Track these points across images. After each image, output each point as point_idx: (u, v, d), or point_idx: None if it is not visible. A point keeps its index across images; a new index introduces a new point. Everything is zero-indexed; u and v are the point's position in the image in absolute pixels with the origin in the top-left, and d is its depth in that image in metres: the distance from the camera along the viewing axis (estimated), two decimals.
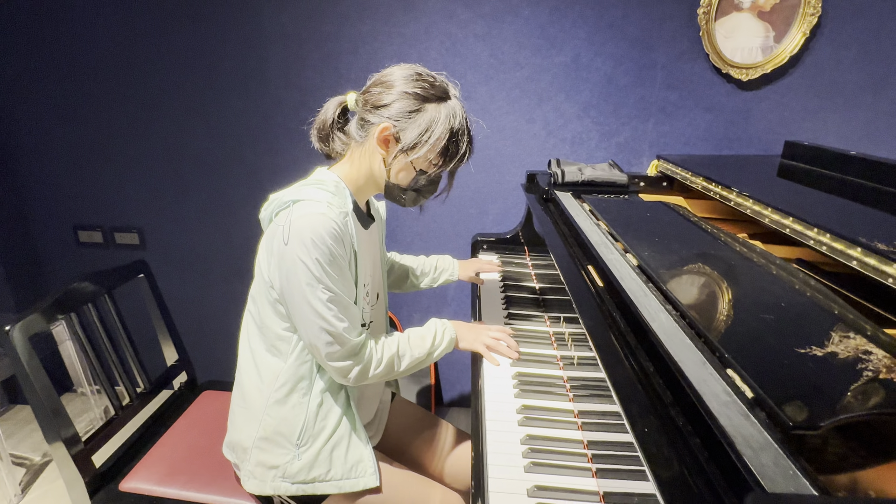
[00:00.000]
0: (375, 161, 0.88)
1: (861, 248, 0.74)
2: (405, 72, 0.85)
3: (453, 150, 0.86)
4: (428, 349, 0.95)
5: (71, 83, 1.75)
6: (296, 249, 0.78)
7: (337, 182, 0.88)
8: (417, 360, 0.93)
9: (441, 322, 1.00)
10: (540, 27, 1.54)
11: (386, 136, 0.84)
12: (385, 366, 0.89)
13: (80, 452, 0.99)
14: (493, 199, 1.76)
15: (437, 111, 0.83)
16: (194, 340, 1.97)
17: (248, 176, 1.79)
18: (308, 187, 0.85)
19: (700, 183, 1.23)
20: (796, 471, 0.42)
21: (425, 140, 0.83)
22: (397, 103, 0.83)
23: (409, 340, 0.94)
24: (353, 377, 0.86)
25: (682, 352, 0.61)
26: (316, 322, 0.81)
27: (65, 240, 1.97)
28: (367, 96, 0.86)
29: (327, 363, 0.85)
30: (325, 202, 0.82)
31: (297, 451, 0.89)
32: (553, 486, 0.72)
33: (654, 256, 0.88)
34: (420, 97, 0.83)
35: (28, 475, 1.73)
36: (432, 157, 0.86)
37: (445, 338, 0.98)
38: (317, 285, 0.79)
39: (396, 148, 0.84)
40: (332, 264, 0.80)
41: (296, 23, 1.61)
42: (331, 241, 0.79)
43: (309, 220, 0.79)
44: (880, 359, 0.56)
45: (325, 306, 0.80)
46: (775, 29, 1.43)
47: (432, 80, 0.85)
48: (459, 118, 0.86)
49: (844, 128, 1.48)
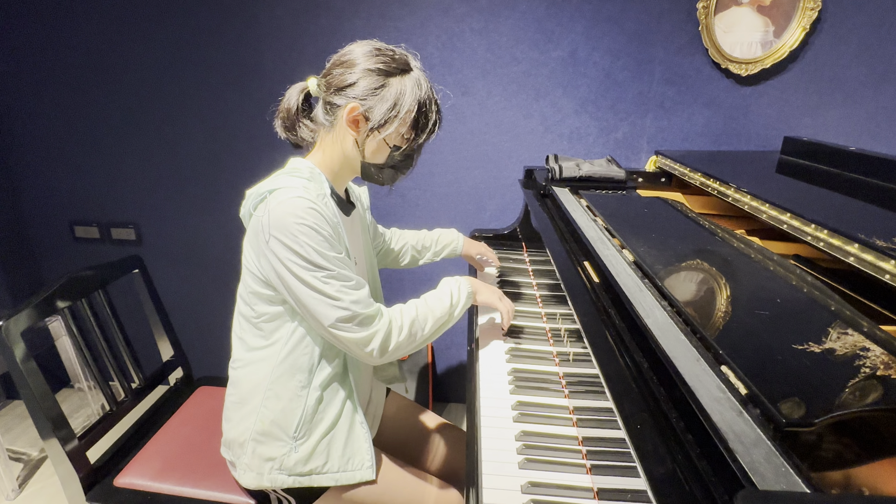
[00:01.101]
0: (347, 143, 0.86)
1: (859, 245, 0.73)
2: (363, 48, 0.84)
3: (423, 121, 0.85)
4: (448, 307, 0.93)
5: (66, 78, 1.74)
6: (282, 239, 0.77)
7: (311, 168, 0.87)
8: (440, 320, 0.91)
9: (454, 280, 0.99)
10: (537, 21, 1.53)
11: (355, 116, 0.83)
12: (408, 332, 0.86)
13: (75, 448, 0.99)
14: (491, 195, 1.75)
15: (403, 83, 0.82)
16: (191, 336, 1.97)
17: (244, 170, 1.78)
18: (282, 176, 0.84)
19: (698, 179, 1.22)
20: (788, 468, 0.42)
21: (395, 115, 0.82)
22: (362, 81, 0.81)
23: (426, 303, 0.92)
24: (375, 349, 0.83)
25: (676, 348, 0.60)
26: (323, 303, 0.79)
27: (61, 235, 1.96)
28: (330, 79, 0.84)
29: (346, 342, 0.82)
30: (300, 187, 0.80)
31: (295, 443, 0.89)
32: (547, 482, 0.72)
33: (650, 252, 0.87)
34: (383, 72, 0.82)
35: (25, 470, 1.74)
36: (404, 130, 0.85)
37: (463, 293, 0.96)
38: (312, 268, 0.78)
39: (367, 126, 0.83)
40: (320, 243, 0.79)
41: (291, 17, 1.60)
42: (313, 220, 0.78)
43: (287, 206, 0.78)
44: (876, 356, 0.56)
45: (323, 283, 0.79)
46: (775, 24, 1.42)
47: (392, 54, 0.84)
48: (425, 88, 0.84)
49: (844, 123, 1.47)
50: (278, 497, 0.93)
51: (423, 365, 1.90)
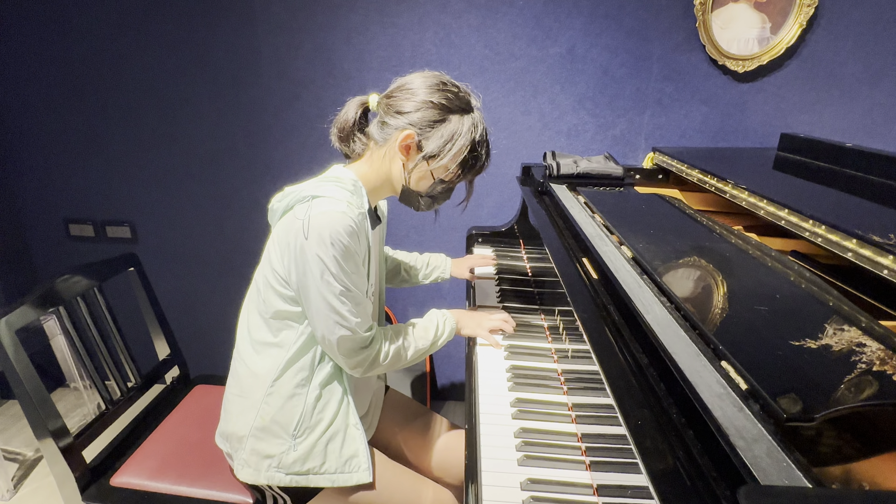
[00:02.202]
0: (395, 165, 0.88)
1: (856, 240, 0.74)
2: (429, 80, 0.86)
3: (472, 161, 0.88)
4: (431, 339, 0.97)
5: (61, 75, 1.72)
6: (314, 245, 0.79)
7: (355, 181, 0.89)
8: (421, 350, 0.96)
9: (441, 313, 1.03)
10: (535, 17, 1.52)
11: (408, 143, 0.85)
12: (392, 357, 0.91)
13: (71, 448, 0.98)
14: (489, 192, 1.75)
15: (461, 123, 0.85)
16: (187, 334, 1.96)
17: (240, 168, 1.77)
18: (327, 184, 0.85)
19: (696, 175, 1.22)
20: (790, 462, 0.42)
21: (447, 151, 0.84)
22: (421, 111, 0.84)
23: (413, 332, 0.96)
24: (361, 369, 0.89)
25: (676, 343, 0.60)
26: (331, 317, 0.82)
27: (55, 234, 1.94)
28: (391, 100, 0.86)
29: (339, 356, 0.87)
30: (344, 201, 0.82)
31: (294, 441, 0.89)
32: (546, 478, 0.72)
33: (648, 248, 0.87)
34: (444, 108, 0.84)
35: (21, 470, 1.72)
36: (452, 166, 0.87)
37: (447, 328, 1.00)
38: (333, 281, 0.80)
39: (418, 156, 0.85)
40: (348, 261, 0.81)
41: (288, 13, 1.59)
42: (348, 239, 0.80)
43: (329, 218, 0.79)
44: (875, 351, 0.56)
45: (339, 301, 0.82)
46: (772, 20, 1.42)
47: (456, 91, 0.86)
48: (480, 130, 0.87)
49: (841, 120, 1.47)
50: (274, 495, 0.93)
51: (422, 363, 1.90)
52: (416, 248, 1.83)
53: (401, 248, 1.83)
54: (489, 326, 1.06)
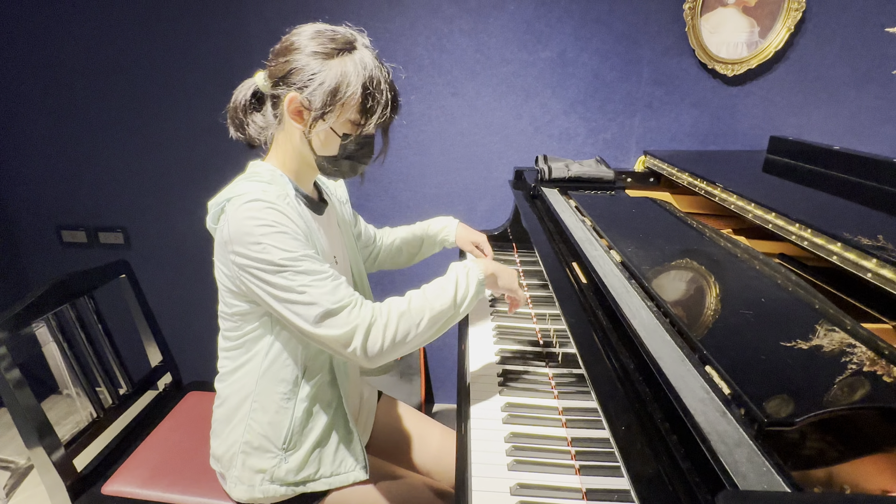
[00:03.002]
0: (296, 137, 0.81)
1: (841, 243, 0.74)
2: (302, 35, 0.78)
3: (372, 103, 0.78)
4: (451, 300, 0.81)
5: (52, 80, 1.72)
6: (242, 249, 0.74)
7: (272, 170, 0.83)
8: (441, 315, 0.80)
9: (461, 264, 0.87)
10: (526, 22, 1.53)
11: (295, 106, 0.78)
12: (395, 327, 0.76)
13: (62, 456, 0.98)
14: (482, 196, 1.75)
15: (343, 65, 0.76)
16: (181, 340, 1.95)
17: (234, 173, 1.76)
18: (240, 183, 0.81)
19: (686, 178, 1.23)
20: (770, 467, 0.42)
21: (337, 99, 0.76)
22: (299, 68, 0.76)
23: (424, 293, 0.81)
24: (357, 347, 0.74)
25: (662, 348, 0.61)
26: (294, 305, 0.74)
27: (48, 240, 1.94)
28: (270, 70, 0.80)
29: (328, 342, 0.75)
30: (258, 191, 0.76)
31: (284, 454, 0.87)
32: (536, 483, 0.72)
33: (637, 252, 0.88)
34: (321, 55, 0.76)
35: (13, 479, 1.71)
36: (351, 115, 0.78)
37: (472, 281, 0.83)
38: (277, 269, 0.73)
39: (309, 116, 0.77)
40: (282, 240, 0.73)
41: (280, 18, 1.59)
42: (272, 219, 0.74)
43: (243, 211, 0.74)
44: (858, 354, 0.56)
45: (292, 282, 0.73)
46: (760, 24, 1.43)
47: (332, 35, 0.78)
48: (370, 66, 0.77)
49: (829, 122, 1.49)
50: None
51: (415, 367, 1.90)
52: None
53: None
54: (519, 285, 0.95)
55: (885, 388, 0.50)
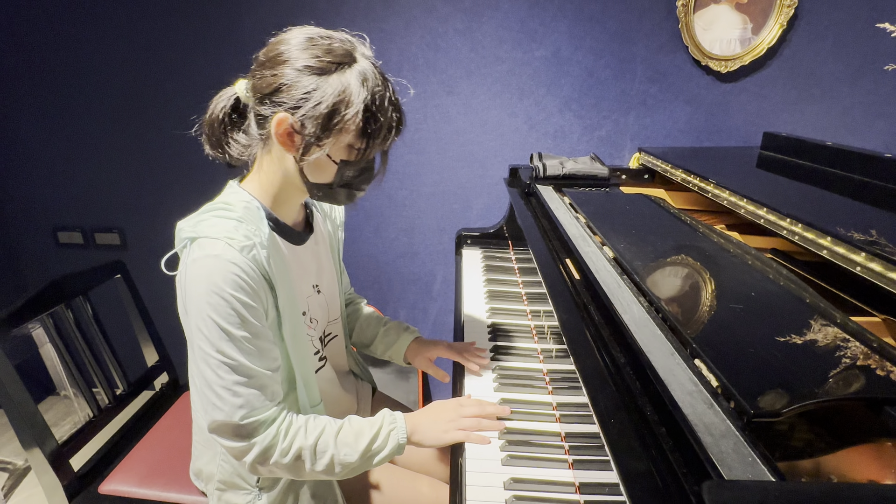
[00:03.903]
0: (286, 162, 0.72)
1: (831, 238, 0.75)
2: (293, 39, 0.68)
3: (375, 126, 0.69)
4: (361, 451, 0.73)
5: (47, 81, 1.72)
6: (192, 304, 0.67)
7: (247, 203, 0.74)
8: (343, 464, 0.73)
9: (391, 417, 0.79)
10: (520, 21, 1.53)
11: (285, 129, 0.68)
12: (291, 460, 0.71)
13: (58, 456, 0.98)
14: (478, 194, 1.76)
15: (343, 82, 0.66)
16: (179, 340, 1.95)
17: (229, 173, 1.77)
18: (208, 217, 0.72)
19: (680, 175, 1.23)
20: (755, 458, 0.43)
21: (334, 124, 0.66)
22: (289, 86, 0.66)
23: (337, 434, 0.74)
24: (247, 463, 0.70)
25: (652, 342, 0.61)
26: (204, 392, 0.68)
27: (44, 242, 1.94)
28: (255, 83, 0.69)
29: (218, 440, 0.70)
30: (223, 238, 0.67)
31: (258, 492, 0.83)
32: (530, 477, 0.73)
33: (630, 249, 0.88)
34: (315, 70, 0.66)
35: (11, 479, 1.71)
36: (350, 139, 0.69)
37: (391, 441, 0.76)
38: (208, 349, 0.67)
39: (302, 141, 0.68)
40: (234, 322, 0.66)
41: (274, 19, 1.59)
42: (230, 292, 0.65)
43: (202, 268, 0.66)
44: (847, 346, 0.57)
45: (215, 375, 0.67)
46: (753, 21, 1.44)
47: (328, 44, 0.67)
48: (373, 84, 0.67)
49: (822, 118, 1.49)
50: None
51: None
52: (406, 251, 1.84)
53: (390, 251, 1.85)
54: (463, 425, 0.80)
55: (873, 380, 0.50)
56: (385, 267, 1.87)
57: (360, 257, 1.86)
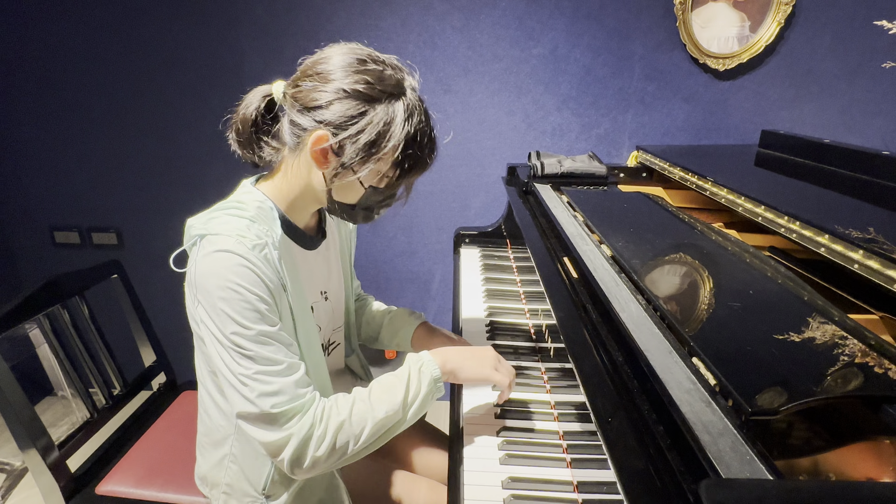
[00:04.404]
0: (314, 175, 0.71)
1: (829, 235, 0.75)
2: (344, 58, 0.67)
3: (411, 160, 0.69)
4: (399, 401, 0.71)
5: (44, 80, 1.71)
6: (203, 299, 0.66)
7: (261, 203, 0.72)
8: (385, 419, 0.70)
9: (416, 357, 0.77)
10: (517, 19, 1.53)
11: (322, 148, 0.67)
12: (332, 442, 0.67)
13: (55, 457, 0.97)
14: (476, 193, 1.75)
15: (389, 113, 0.66)
16: (177, 340, 1.94)
17: (227, 172, 1.76)
18: (220, 215, 0.70)
19: (678, 173, 1.23)
20: (753, 456, 0.42)
21: (373, 153, 0.66)
22: (336, 105, 0.65)
23: (369, 395, 0.72)
24: (285, 459, 0.66)
25: (650, 341, 0.61)
26: (233, 385, 0.66)
27: (40, 241, 1.93)
28: (296, 91, 0.68)
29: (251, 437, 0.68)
30: (234, 235, 0.66)
31: (265, 500, 0.81)
32: (527, 476, 0.73)
33: (628, 247, 0.88)
34: (364, 96, 0.65)
35: (9, 480, 1.71)
36: (383, 167, 0.69)
37: (424, 378, 0.74)
38: (228, 343, 0.65)
39: (338, 163, 0.67)
40: (245, 311, 0.64)
41: (271, 16, 1.59)
42: (242, 284, 0.64)
43: (213, 262, 0.65)
44: (844, 345, 0.57)
45: (238, 366, 0.65)
46: (751, 18, 1.44)
47: (380, 70, 0.66)
48: (417, 120, 0.67)
49: (820, 116, 1.49)
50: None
51: None
52: (404, 250, 1.84)
53: (388, 250, 1.85)
54: (501, 370, 0.80)
55: (871, 378, 0.50)
56: (383, 266, 1.87)
57: (358, 256, 1.85)
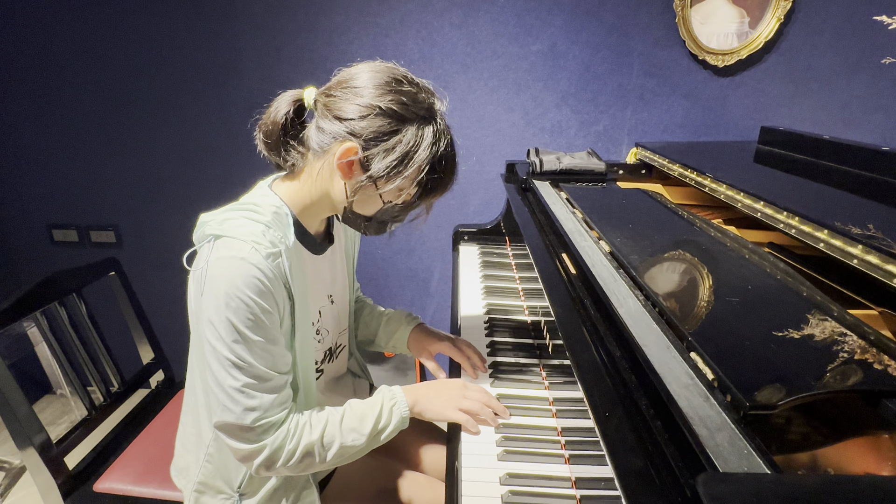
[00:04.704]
0: (335, 183, 0.72)
1: (828, 231, 0.74)
2: (380, 76, 0.68)
3: (433, 183, 0.71)
4: (367, 434, 0.75)
5: (41, 78, 1.71)
6: (209, 302, 0.66)
7: (278, 208, 0.73)
8: (351, 447, 0.74)
9: (390, 393, 0.80)
10: (516, 15, 1.52)
11: (350, 159, 0.68)
12: (300, 458, 0.71)
13: (53, 455, 0.97)
14: (475, 190, 1.75)
15: (419, 136, 0.67)
16: (175, 338, 1.94)
17: (225, 169, 1.76)
18: (237, 217, 0.71)
19: (677, 170, 1.23)
20: (751, 450, 0.42)
21: (399, 171, 0.68)
22: (368, 120, 0.66)
23: (341, 422, 0.75)
24: (255, 465, 0.71)
25: (648, 336, 0.61)
26: (216, 393, 0.68)
27: (38, 239, 1.93)
28: (330, 100, 0.69)
29: (225, 443, 0.71)
30: (250, 241, 0.67)
31: (239, 498, 0.82)
32: (525, 472, 0.72)
33: (626, 243, 0.88)
34: (398, 116, 0.67)
35: (7, 478, 1.71)
36: (406, 186, 0.71)
37: (394, 416, 0.77)
38: (223, 350, 0.66)
39: (363, 175, 0.69)
40: (248, 323, 0.66)
41: (268, 13, 1.58)
42: (251, 296, 0.65)
43: (226, 268, 0.65)
44: (843, 340, 0.57)
45: (228, 376, 0.67)
46: (750, 14, 1.43)
47: (415, 93, 0.68)
48: (443, 144, 0.70)
49: (820, 112, 1.49)
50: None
51: (410, 360, 1.90)
52: (403, 247, 1.84)
53: (387, 248, 1.84)
54: (464, 406, 0.80)
55: (870, 373, 0.50)
56: (382, 263, 1.87)
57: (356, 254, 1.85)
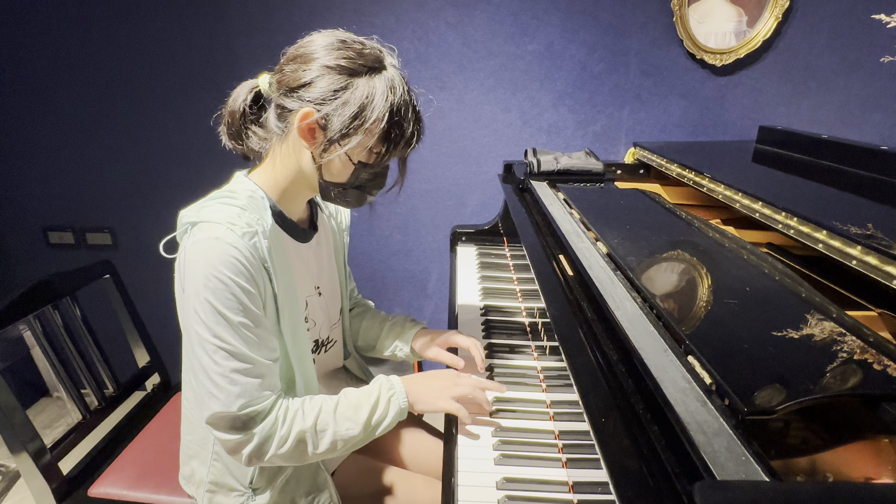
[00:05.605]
0: (303, 157, 0.73)
1: (827, 231, 0.74)
2: (325, 39, 0.70)
3: (397, 132, 0.71)
4: (362, 423, 0.74)
5: (35, 79, 1.70)
6: (189, 286, 0.66)
7: (252, 192, 0.74)
8: (347, 438, 0.73)
9: (388, 382, 0.79)
10: (512, 14, 1.52)
11: (309, 123, 0.69)
12: (290, 447, 0.70)
13: (47, 460, 0.96)
14: (472, 191, 1.74)
15: (370, 86, 0.68)
16: (171, 341, 1.93)
17: (222, 171, 1.74)
18: (213, 203, 0.72)
19: (675, 170, 1.22)
20: (749, 456, 0.42)
21: (360, 124, 0.68)
22: (319, 81, 0.67)
23: (335, 409, 0.74)
24: (243, 456, 0.70)
25: (645, 339, 0.60)
26: (200, 380, 0.68)
27: (34, 242, 1.91)
28: (281, 76, 0.70)
29: (213, 433, 0.70)
30: (225, 223, 0.67)
31: (252, 493, 0.82)
32: (522, 477, 0.72)
33: (624, 244, 0.87)
34: (346, 70, 0.67)
35: (4, 482, 1.70)
36: (371, 143, 0.71)
37: (392, 407, 0.76)
38: (205, 334, 0.66)
39: (325, 137, 0.69)
40: (231, 307, 0.66)
41: (264, 13, 1.57)
42: (229, 275, 0.65)
43: (202, 250, 0.66)
44: (842, 342, 0.56)
45: (211, 361, 0.66)
46: (748, 13, 1.42)
47: (360, 48, 0.69)
48: (400, 92, 0.70)
49: (818, 111, 1.48)
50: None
51: (408, 362, 1.89)
52: (400, 248, 1.83)
53: (384, 249, 1.83)
54: (455, 393, 0.80)
55: (869, 376, 0.49)
56: (379, 265, 1.86)
57: (353, 255, 1.84)
